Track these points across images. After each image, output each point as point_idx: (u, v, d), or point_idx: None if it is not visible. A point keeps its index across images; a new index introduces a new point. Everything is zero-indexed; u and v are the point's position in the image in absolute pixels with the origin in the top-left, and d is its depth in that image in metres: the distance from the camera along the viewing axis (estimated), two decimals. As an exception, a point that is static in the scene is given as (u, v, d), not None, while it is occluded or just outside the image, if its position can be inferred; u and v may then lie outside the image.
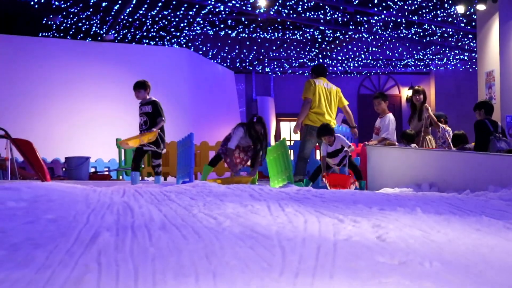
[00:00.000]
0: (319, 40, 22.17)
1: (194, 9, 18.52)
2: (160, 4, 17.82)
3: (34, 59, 17.11)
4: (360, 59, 23.40)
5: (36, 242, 3.78)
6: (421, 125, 11.21)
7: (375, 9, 17.96)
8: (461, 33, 20.50)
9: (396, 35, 20.75)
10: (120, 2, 17.50)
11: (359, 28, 19.95)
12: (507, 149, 9.46)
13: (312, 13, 18.69)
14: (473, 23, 17.71)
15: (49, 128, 16.80)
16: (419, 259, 3.53)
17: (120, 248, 3.65)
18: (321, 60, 23.24)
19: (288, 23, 20.31)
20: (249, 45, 22.75)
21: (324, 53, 22.91)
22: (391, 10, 18.09)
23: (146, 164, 13.94)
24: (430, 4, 17.83)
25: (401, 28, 20.08)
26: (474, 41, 20.12)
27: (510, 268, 3.52)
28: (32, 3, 17.28)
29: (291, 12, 18.55)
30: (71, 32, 19.84)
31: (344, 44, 22.19)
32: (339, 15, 18.90)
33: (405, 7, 17.86)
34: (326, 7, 18.31)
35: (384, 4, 17.76)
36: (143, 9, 18.08)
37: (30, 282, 2.92)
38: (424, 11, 18.21)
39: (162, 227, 4.35)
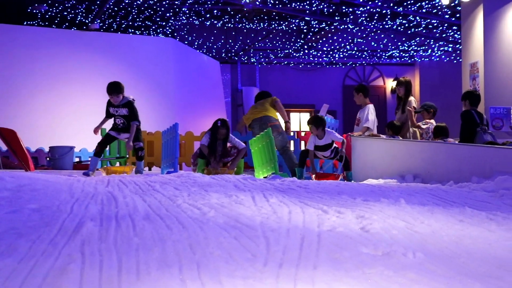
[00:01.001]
0: (305, 30, 22.17)
1: (180, -1, 18.48)
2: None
3: (19, 47, 16.99)
4: (345, 50, 23.40)
5: (19, 231, 3.76)
6: (405, 117, 11.25)
7: (361, 0, 17.96)
8: (446, 25, 20.53)
9: (381, 26, 20.76)
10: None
11: (344, 19, 19.94)
12: (489, 141, 9.49)
13: (298, 3, 18.68)
14: (458, 15, 17.75)
15: (33, 117, 16.70)
16: (402, 250, 3.54)
17: (104, 238, 3.65)
18: (306, 51, 23.23)
19: (274, 13, 20.27)
20: (235, 35, 22.70)
21: (310, 44, 22.89)
22: (376, 1, 18.11)
23: (131, 154, 13.91)
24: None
25: (386, 19, 20.08)
26: (458, 32, 20.17)
27: (492, 259, 3.54)
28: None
29: (277, 2, 18.53)
30: (56, 21, 19.71)
31: (329, 35, 22.18)
32: (325, 5, 18.89)
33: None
34: (312, -3, 18.32)
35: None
36: (128, -2, 18.03)
37: (13, 272, 2.91)
38: (409, 2, 18.24)
39: (146, 217, 4.35)
